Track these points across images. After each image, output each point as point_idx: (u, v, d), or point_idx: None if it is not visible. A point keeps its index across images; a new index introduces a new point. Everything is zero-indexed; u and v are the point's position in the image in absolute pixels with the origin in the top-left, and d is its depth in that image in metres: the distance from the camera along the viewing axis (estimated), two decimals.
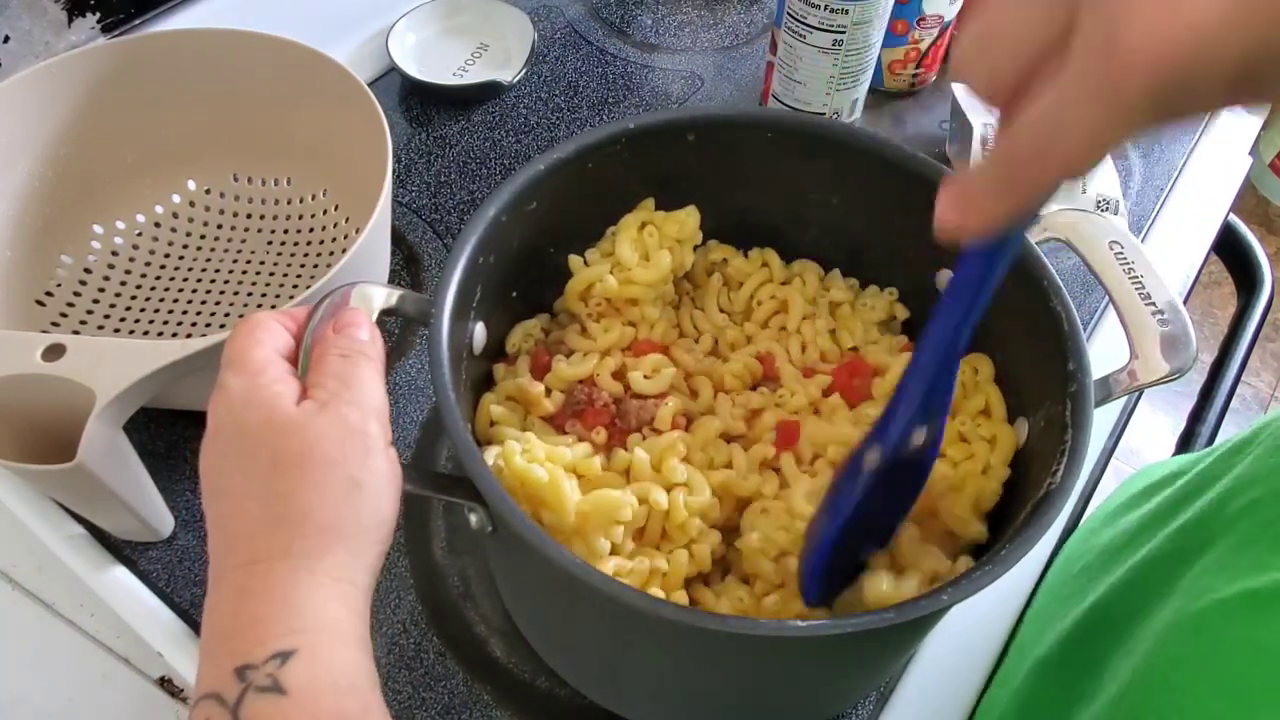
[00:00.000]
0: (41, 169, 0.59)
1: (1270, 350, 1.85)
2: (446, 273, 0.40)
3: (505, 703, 0.49)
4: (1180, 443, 0.69)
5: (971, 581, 0.33)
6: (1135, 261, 0.42)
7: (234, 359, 0.34)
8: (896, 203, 0.47)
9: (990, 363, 0.46)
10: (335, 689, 0.29)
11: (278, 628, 0.30)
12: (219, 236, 0.65)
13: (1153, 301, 0.40)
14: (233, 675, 0.29)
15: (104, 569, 0.51)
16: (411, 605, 0.51)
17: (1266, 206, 2.08)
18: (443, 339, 0.38)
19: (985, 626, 0.53)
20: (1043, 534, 0.34)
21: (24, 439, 0.44)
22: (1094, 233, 0.43)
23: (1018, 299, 0.42)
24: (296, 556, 0.31)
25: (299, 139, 0.64)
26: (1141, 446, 1.64)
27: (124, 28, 0.66)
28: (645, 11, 0.88)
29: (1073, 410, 0.38)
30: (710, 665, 0.40)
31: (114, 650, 0.52)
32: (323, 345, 0.35)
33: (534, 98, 0.79)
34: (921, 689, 0.50)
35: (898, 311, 0.51)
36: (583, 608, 0.39)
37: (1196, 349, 0.39)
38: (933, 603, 0.33)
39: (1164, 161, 0.78)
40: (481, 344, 0.46)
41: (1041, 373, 0.41)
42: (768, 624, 0.33)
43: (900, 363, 0.46)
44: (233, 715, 0.28)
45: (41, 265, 0.60)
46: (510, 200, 0.43)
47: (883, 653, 0.44)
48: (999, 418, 0.45)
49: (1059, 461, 0.37)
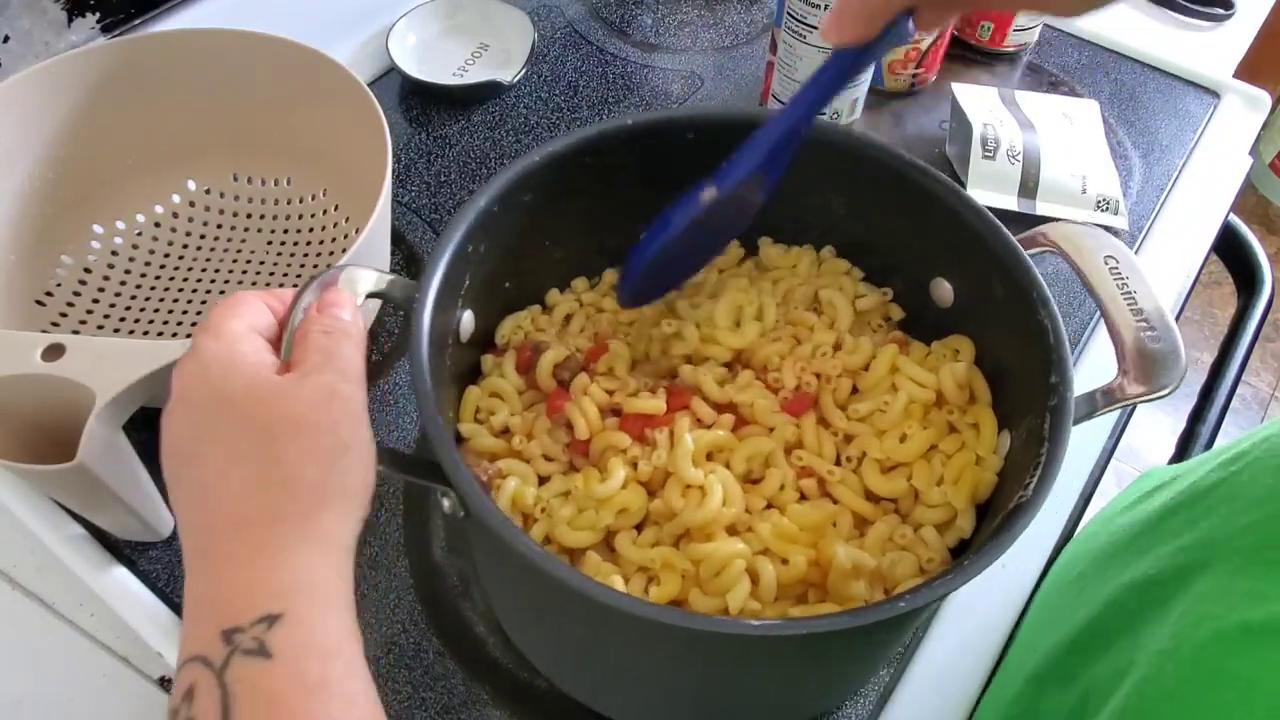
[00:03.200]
0: (41, 169, 0.59)
1: (1270, 350, 1.85)
2: (433, 259, 0.40)
3: (504, 702, 0.49)
4: (1180, 443, 0.69)
5: (930, 589, 0.33)
6: (1130, 276, 0.41)
7: (210, 327, 0.34)
8: (896, 208, 0.47)
9: (972, 345, 0.46)
10: (321, 653, 0.29)
11: (265, 591, 0.30)
12: (219, 236, 0.65)
13: (1145, 318, 0.40)
14: (219, 638, 0.29)
15: (104, 569, 0.51)
16: (410, 605, 0.51)
17: (1266, 206, 2.08)
18: (424, 323, 0.38)
19: (983, 630, 0.53)
20: (1008, 547, 0.34)
21: (24, 439, 0.44)
22: (1090, 245, 0.43)
23: (1007, 309, 0.42)
24: (288, 520, 0.31)
25: (299, 139, 0.64)
26: (1142, 446, 1.64)
27: (124, 28, 0.66)
28: (645, 11, 0.88)
29: (1051, 424, 0.38)
30: (668, 657, 0.40)
31: (114, 650, 0.52)
32: (305, 323, 0.36)
33: (534, 98, 0.79)
34: (918, 694, 0.50)
35: (892, 312, 0.51)
36: (545, 594, 0.39)
37: (1186, 367, 0.38)
38: (890, 609, 0.33)
39: (1164, 161, 0.77)
40: (470, 332, 0.46)
41: (1026, 385, 0.41)
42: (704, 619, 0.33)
43: (888, 355, 0.46)
44: (218, 678, 0.28)
45: (41, 265, 0.60)
46: (503, 191, 0.43)
47: (849, 655, 0.44)
48: (984, 402, 0.45)
49: (1032, 475, 0.37)
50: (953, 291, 0.47)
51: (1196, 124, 0.81)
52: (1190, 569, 0.39)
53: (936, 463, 0.43)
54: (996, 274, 0.42)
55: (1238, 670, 0.33)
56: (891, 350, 0.46)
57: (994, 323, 0.44)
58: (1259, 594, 0.34)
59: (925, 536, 0.42)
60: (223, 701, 0.28)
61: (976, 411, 0.44)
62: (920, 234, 0.47)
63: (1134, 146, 0.79)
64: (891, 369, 0.46)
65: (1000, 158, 0.72)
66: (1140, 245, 0.72)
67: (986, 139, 0.72)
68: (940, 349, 0.47)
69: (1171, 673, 0.36)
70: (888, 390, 0.46)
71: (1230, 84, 0.84)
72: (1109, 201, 0.72)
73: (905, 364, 0.46)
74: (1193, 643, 0.36)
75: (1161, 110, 0.82)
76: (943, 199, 0.44)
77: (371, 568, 0.52)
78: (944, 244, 0.46)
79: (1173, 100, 0.83)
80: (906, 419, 0.44)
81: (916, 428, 0.44)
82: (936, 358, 0.47)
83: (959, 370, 0.45)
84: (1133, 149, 0.78)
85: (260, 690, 0.28)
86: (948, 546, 0.42)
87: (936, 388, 0.45)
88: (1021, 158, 0.72)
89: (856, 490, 0.43)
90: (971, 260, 0.44)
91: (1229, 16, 0.92)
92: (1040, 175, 0.72)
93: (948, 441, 0.44)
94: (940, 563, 0.41)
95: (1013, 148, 0.72)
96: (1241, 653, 0.33)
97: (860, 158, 0.47)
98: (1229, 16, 0.92)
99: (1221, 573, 0.37)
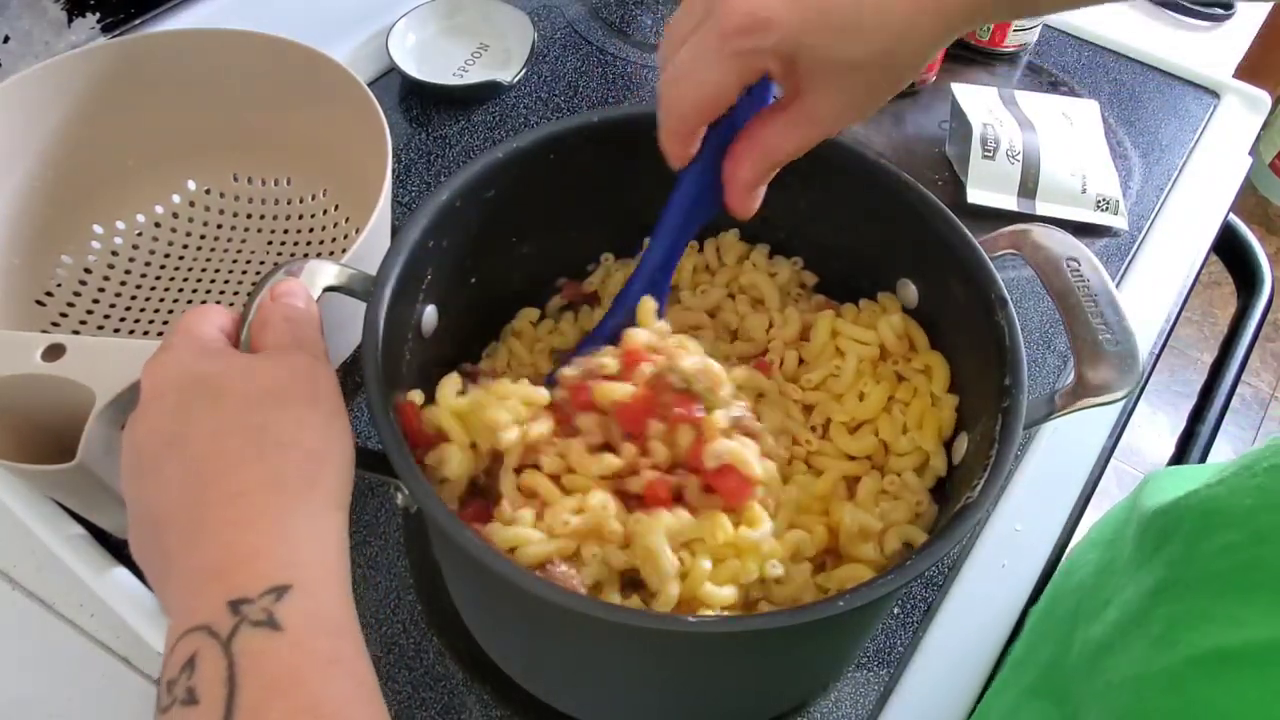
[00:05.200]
0: (41, 169, 0.59)
1: (1270, 350, 1.85)
2: (391, 253, 0.40)
3: (504, 702, 0.49)
4: (1180, 442, 0.69)
5: (871, 589, 0.33)
6: (1090, 279, 0.41)
7: (180, 329, 0.35)
8: (863, 211, 0.47)
9: (896, 299, 0.48)
10: (329, 630, 0.29)
11: (274, 561, 0.29)
12: (219, 236, 0.65)
13: (1103, 321, 0.40)
14: (225, 608, 0.28)
15: (104, 569, 0.51)
16: (411, 605, 0.51)
17: (1266, 206, 2.08)
18: (379, 315, 0.38)
19: (983, 631, 0.53)
20: (951, 547, 0.35)
21: (24, 439, 0.44)
22: (1051, 247, 0.43)
23: (966, 310, 0.42)
24: (289, 487, 0.31)
25: (299, 139, 0.64)
26: (1142, 446, 1.64)
27: (124, 28, 0.66)
28: (645, 11, 0.88)
29: (1002, 426, 0.38)
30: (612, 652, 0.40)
31: (114, 650, 0.52)
32: (264, 311, 0.36)
33: (534, 98, 0.79)
34: (918, 694, 0.50)
35: (805, 279, 0.52)
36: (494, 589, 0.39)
37: (1144, 372, 0.38)
38: (828, 608, 0.33)
39: (1164, 161, 0.78)
40: (432, 327, 0.45)
41: (983, 386, 0.41)
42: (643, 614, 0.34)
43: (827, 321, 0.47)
44: (224, 647, 0.27)
45: (41, 265, 0.60)
46: (465, 186, 0.43)
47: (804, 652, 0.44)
48: (923, 348, 0.46)
49: (980, 476, 0.37)
50: (917, 294, 0.47)
51: (1196, 124, 0.81)
52: (1170, 589, 0.39)
53: (896, 413, 0.45)
54: (956, 275, 0.43)
55: (1210, 699, 0.33)
56: (829, 316, 0.48)
57: (955, 324, 0.45)
58: (1236, 619, 0.34)
59: (907, 481, 0.43)
60: (228, 672, 0.26)
61: (922, 356, 0.46)
62: (886, 234, 0.47)
63: (1134, 146, 0.79)
64: (832, 333, 0.47)
65: (1000, 157, 0.72)
66: (1140, 245, 0.72)
67: (986, 139, 0.72)
68: (869, 306, 0.48)
69: (1149, 698, 0.35)
70: (833, 355, 0.47)
71: (1230, 84, 0.84)
72: (1109, 201, 0.72)
73: (844, 326, 0.47)
74: (1168, 667, 0.35)
75: (1161, 110, 0.82)
76: (905, 198, 0.44)
77: (371, 568, 0.52)
78: (908, 244, 0.46)
79: (1173, 100, 0.83)
80: (859, 377, 0.46)
81: (871, 383, 0.45)
82: (869, 314, 0.48)
83: (895, 322, 0.46)
84: (1133, 149, 0.78)
85: (268, 663, 0.27)
86: (927, 488, 0.44)
87: (878, 343, 0.46)
88: (1021, 157, 0.72)
89: (836, 455, 0.45)
90: (933, 261, 0.44)
91: (1229, 16, 0.92)
92: (1040, 175, 0.72)
93: (901, 390, 0.46)
94: (927, 504, 0.43)
95: (1012, 147, 0.72)
96: (1215, 680, 0.33)
97: (824, 155, 0.46)
98: (1229, 16, 0.92)
99: (1201, 594, 0.37)
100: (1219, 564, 0.37)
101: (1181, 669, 0.35)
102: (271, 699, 0.26)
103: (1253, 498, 0.37)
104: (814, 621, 0.33)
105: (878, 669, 0.51)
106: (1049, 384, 0.63)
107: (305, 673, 0.27)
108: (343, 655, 0.28)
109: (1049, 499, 0.58)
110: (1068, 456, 0.60)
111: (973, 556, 0.55)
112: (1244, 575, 0.36)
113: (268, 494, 0.30)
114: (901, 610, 0.52)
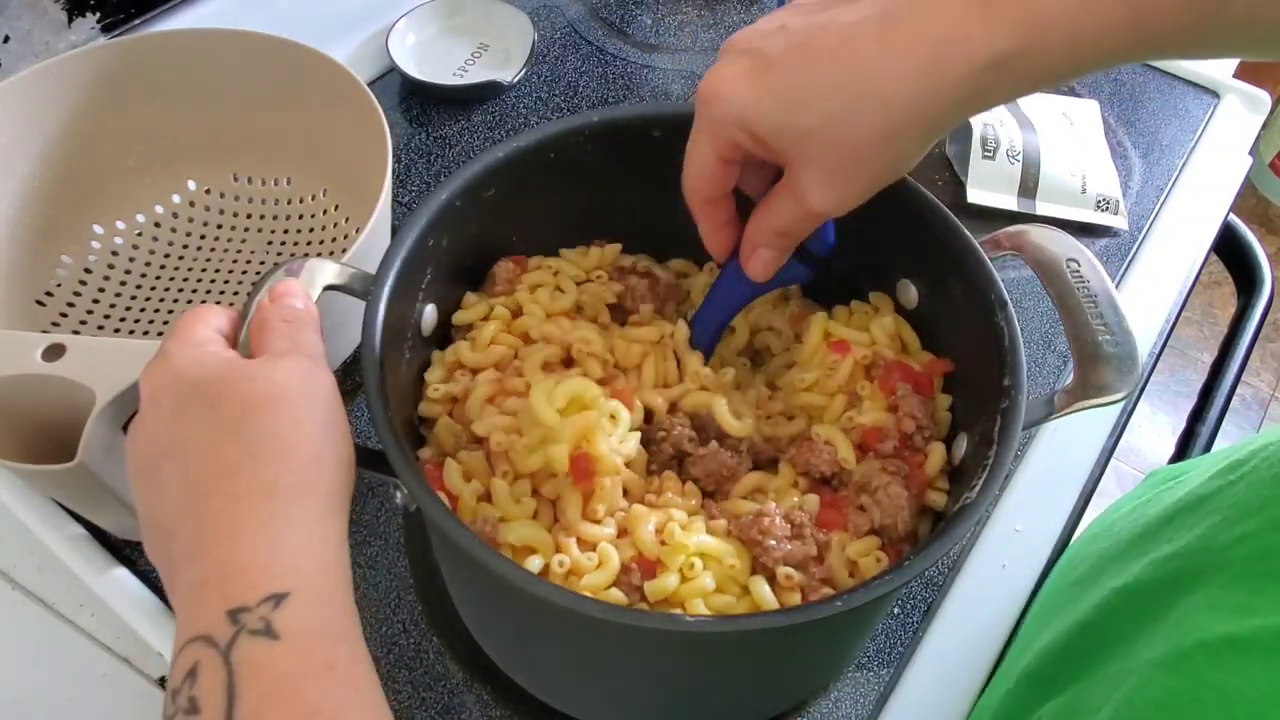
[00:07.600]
0: (41, 169, 0.59)
1: (1270, 350, 1.85)
2: (390, 252, 0.40)
3: (503, 702, 0.49)
4: (1180, 442, 0.69)
5: (870, 589, 0.33)
6: (1090, 280, 0.41)
7: (177, 333, 0.35)
8: (863, 211, 0.47)
9: (889, 300, 0.47)
10: (327, 635, 0.29)
11: (271, 569, 0.29)
12: (219, 236, 0.65)
13: (1104, 322, 0.40)
14: (225, 617, 0.28)
15: (104, 569, 0.51)
16: (411, 605, 0.51)
17: (1266, 206, 2.08)
18: (378, 314, 0.38)
19: (983, 630, 0.53)
20: (951, 547, 0.35)
21: (24, 439, 0.44)
22: (1051, 248, 0.43)
23: (966, 310, 0.42)
24: (285, 491, 0.31)
25: (299, 139, 0.64)
26: (1142, 446, 1.64)
27: (124, 28, 0.66)
28: (645, 11, 0.88)
29: (1001, 426, 0.37)
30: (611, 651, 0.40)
31: (114, 650, 0.52)
32: (262, 313, 0.36)
33: (534, 98, 0.79)
34: (918, 693, 0.50)
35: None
36: (494, 589, 0.39)
37: (1143, 373, 0.38)
38: (826, 608, 0.33)
39: (1164, 161, 0.78)
40: (432, 326, 0.45)
41: (982, 387, 0.41)
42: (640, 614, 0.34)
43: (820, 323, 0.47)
44: (223, 658, 0.27)
45: (41, 265, 0.60)
46: (465, 185, 0.43)
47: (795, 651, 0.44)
48: (915, 349, 0.46)
49: (979, 477, 0.37)
50: (917, 294, 0.47)
51: (1196, 124, 0.81)
52: (1185, 577, 0.39)
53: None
54: (956, 275, 0.43)
55: (1221, 684, 0.33)
56: (821, 318, 0.47)
57: (955, 325, 0.45)
58: (1247, 607, 0.34)
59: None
60: (227, 681, 0.27)
61: (914, 357, 0.45)
62: (886, 235, 0.47)
63: (1134, 146, 0.79)
64: (824, 335, 0.47)
65: (1000, 157, 0.72)
66: (1140, 245, 0.72)
67: (986, 139, 0.72)
68: (860, 307, 0.48)
69: (1160, 683, 0.35)
70: (825, 356, 0.46)
71: (1230, 84, 0.84)
72: (1109, 201, 0.72)
73: (837, 328, 0.47)
74: (1180, 654, 0.35)
75: (1161, 110, 0.82)
76: (906, 198, 0.44)
77: (371, 568, 0.53)
78: (908, 245, 0.46)
79: (1173, 100, 0.83)
80: (853, 379, 0.45)
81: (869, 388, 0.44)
82: (860, 316, 0.48)
83: (887, 323, 0.46)
84: (1133, 149, 0.78)
85: (266, 672, 0.27)
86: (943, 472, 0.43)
87: (873, 344, 0.46)
88: (1021, 157, 0.72)
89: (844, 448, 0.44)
90: (933, 261, 0.44)
91: None
92: (1040, 175, 0.72)
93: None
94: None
95: (1012, 147, 0.72)
96: (1225, 666, 0.33)
97: None
98: None
99: (1215, 583, 0.37)
100: (1234, 554, 0.37)
101: (1191, 653, 0.35)
102: (270, 707, 0.27)
103: (1269, 489, 0.38)
104: (813, 621, 0.33)
105: (878, 669, 0.51)
106: (1049, 384, 0.63)
107: (303, 680, 0.28)
108: (341, 661, 0.29)
109: (1049, 499, 0.58)
110: (1068, 456, 0.60)
111: (973, 556, 0.55)
112: (1257, 564, 0.36)
113: (265, 502, 0.30)
114: (901, 610, 0.53)
